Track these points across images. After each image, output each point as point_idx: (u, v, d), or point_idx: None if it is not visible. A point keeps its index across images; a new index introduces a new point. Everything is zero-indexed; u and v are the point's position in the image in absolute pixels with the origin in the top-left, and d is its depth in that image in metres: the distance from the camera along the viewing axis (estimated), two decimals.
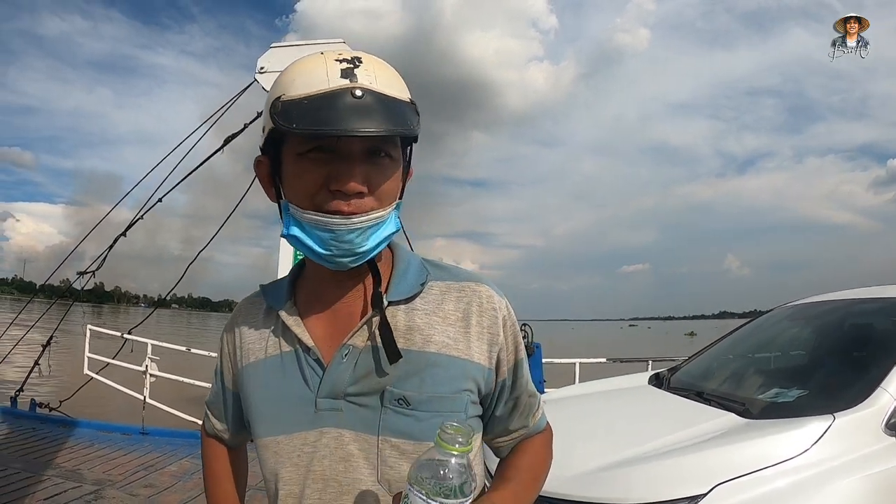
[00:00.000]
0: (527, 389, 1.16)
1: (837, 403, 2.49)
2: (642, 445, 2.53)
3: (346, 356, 1.03)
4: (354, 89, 0.91)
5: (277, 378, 1.07)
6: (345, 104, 0.89)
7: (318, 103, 0.90)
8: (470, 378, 1.05)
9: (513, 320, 1.13)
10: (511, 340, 1.11)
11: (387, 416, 1.01)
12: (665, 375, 3.83)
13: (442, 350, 1.03)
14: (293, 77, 0.95)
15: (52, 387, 10.83)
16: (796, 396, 2.85)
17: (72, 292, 10.48)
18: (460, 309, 1.07)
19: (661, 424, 2.85)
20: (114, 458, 5.95)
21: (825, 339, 3.65)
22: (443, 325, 1.05)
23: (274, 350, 1.10)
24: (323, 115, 0.89)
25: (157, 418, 7.49)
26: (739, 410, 2.73)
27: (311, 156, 0.95)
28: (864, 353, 3.17)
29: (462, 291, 1.09)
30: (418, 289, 1.07)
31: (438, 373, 1.02)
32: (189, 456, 6.10)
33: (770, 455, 2.24)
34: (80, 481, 5.17)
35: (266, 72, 7.30)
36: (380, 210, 0.98)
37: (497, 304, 1.10)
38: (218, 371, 1.27)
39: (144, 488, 5.12)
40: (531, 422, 1.19)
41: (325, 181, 0.94)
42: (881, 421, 2.38)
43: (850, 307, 3.64)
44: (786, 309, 4.14)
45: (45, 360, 8.90)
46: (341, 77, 0.92)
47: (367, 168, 0.95)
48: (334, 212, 0.94)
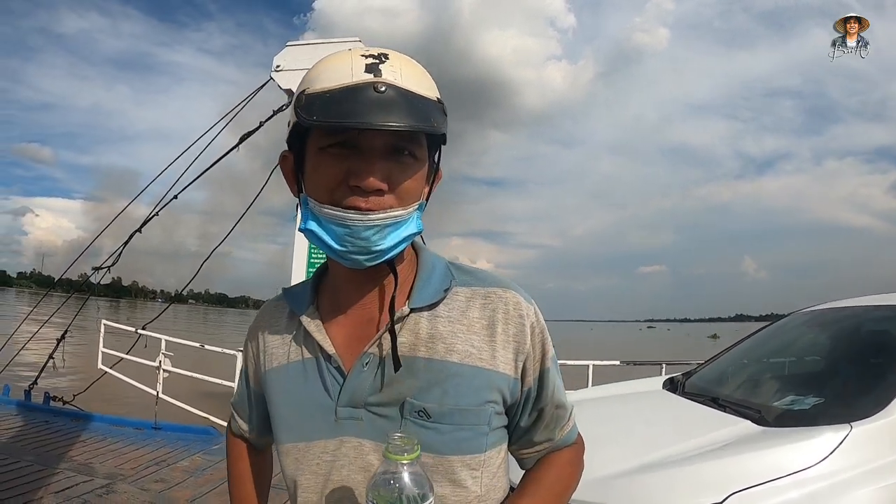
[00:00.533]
0: (553, 401, 1.11)
1: (854, 412, 2.45)
2: (658, 451, 2.50)
3: (367, 365, 1.01)
4: (378, 84, 0.89)
5: (299, 385, 1.07)
6: (366, 98, 0.88)
7: (340, 97, 0.89)
8: (494, 389, 1.02)
9: (541, 327, 1.09)
10: (538, 349, 1.08)
11: (407, 427, 0.98)
12: (679, 380, 3.80)
13: (465, 360, 1.01)
14: (319, 72, 0.95)
15: (66, 381, 10.89)
16: (812, 404, 2.82)
17: (88, 287, 10.55)
18: (486, 316, 1.04)
19: (677, 430, 2.83)
20: (126, 452, 5.97)
21: (842, 346, 3.61)
22: (467, 333, 1.02)
23: (296, 356, 1.09)
24: (343, 108, 0.88)
25: (170, 414, 7.51)
26: (755, 418, 2.70)
27: (332, 150, 0.94)
28: (881, 361, 3.13)
29: (488, 298, 1.06)
30: (442, 295, 1.05)
31: (461, 384, 1.00)
32: (201, 452, 6.11)
33: (787, 464, 2.21)
34: (91, 475, 5.19)
35: (282, 70, 7.32)
36: (399, 209, 0.95)
37: (524, 311, 1.06)
38: (243, 372, 1.27)
39: (156, 483, 5.13)
40: (557, 435, 1.14)
41: (344, 176, 0.93)
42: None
43: (867, 314, 3.60)
44: (802, 315, 4.09)
45: (59, 354, 8.95)
46: (365, 72, 0.91)
47: (389, 165, 0.94)
48: (352, 207, 0.93)
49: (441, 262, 1.11)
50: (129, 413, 7.93)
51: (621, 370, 7.81)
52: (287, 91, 7.40)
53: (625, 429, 3.08)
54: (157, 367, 7.64)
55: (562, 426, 1.15)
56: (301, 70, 7.22)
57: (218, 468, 5.61)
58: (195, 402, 7.74)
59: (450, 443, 0.99)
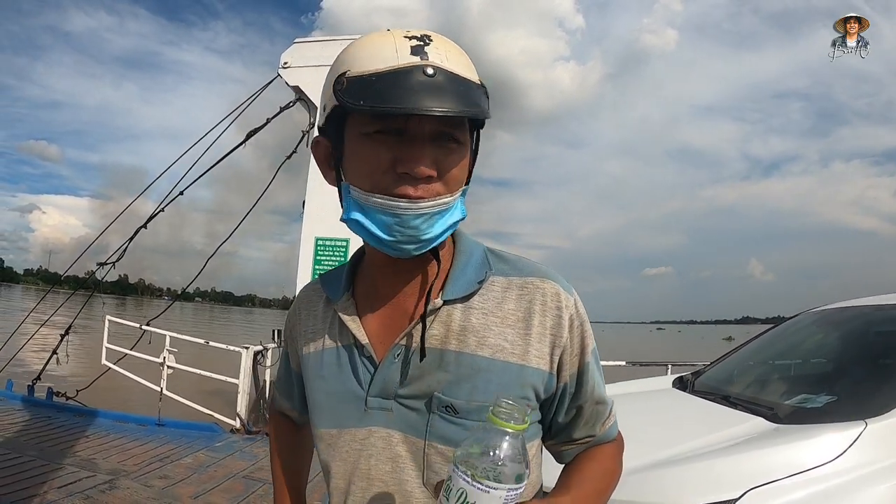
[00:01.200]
0: (593, 397, 1.08)
1: (868, 410, 2.44)
2: (673, 448, 2.49)
3: (398, 356, 1.00)
4: (426, 67, 0.86)
5: (333, 371, 1.06)
6: (417, 82, 0.85)
7: (388, 80, 0.85)
8: (527, 385, 0.99)
9: (582, 320, 1.05)
10: (577, 342, 1.04)
11: (434, 421, 0.97)
12: (689, 379, 3.79)
13: (496, 354, 0.98)
14: (359, 53, 0.90)
15: (70, 376, 10.90)
16: (825, 402, 2.80)
17: (94, 283, 10.58)
18: (522, 308, 1.01)
19: (690, 427, 2.82)
20: (129, 448, 5.96)
21: (851, 346, 3.59)
22: (500, 326, 1.00)
23: (331, 343, 1.08)
24: (392, 92, 0.84)
25: (174, 410, 7.53)
26: (768, 415, 2.68)
27: (378, 136, 0.90)
28: (891, 360, 3.12)
29: (524, 288, 1.02)
30: (476, 287, 1.02)
31: (491, 379, 0.97)
32: (204, 448, 6.11)
33: (803, 461, 2.20)
34: (94, 471, 5.18)
35: (290, 67, 7.33)
36: (447, 196, 0.93)
37: (563, 302, 1.02)
38: (284, 353, 1.28)
39: (159, 479, 5.12)
40: (599, 430, 1.11)
41: (391, 163, 0.90)
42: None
43: (876, 313, 3.59)
44: (811, 314, 4.08)
45: (62, 350, 8.97)
46: (412, 54, 0.87)
47: (436, 151, 0.91)
48: (401, 195, 0.90)
49: (479, 249, 1.09)
50: (132, 409, 7.94)
51: (628, 371, 7.79)
52: (294, 88, 7.41)
53: (638, 426, 3.05)
54: (161, 363, 7.64)
55: (603, 421, 1.11)
56: (309, 67, 7.28)
57: (222, 465, 5.62)
58: (199, 399, 7.76)
59: None
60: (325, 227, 7.21)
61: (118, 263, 9.16)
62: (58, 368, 9.34)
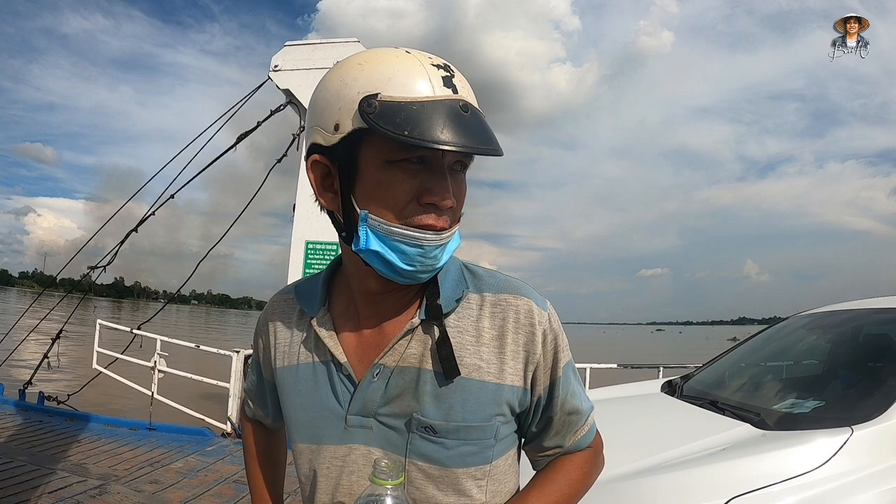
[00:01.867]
0: (563, 409, 1.08)
1: (855, 416, 2.44)
2: (656, 455, 2.48)
3: (378, 375, 1.00)
4: (460, 102, 0.88)
5: (310, 387, 1.06)
6: (456, 118, 0.86)
7: (429, 112, 0.85)
8: (502, 402, 1.01)
9: (555, 334, 1.06)
10: (550, 357, 1.05)
11: (414, 440, 0.98)
12: (678, 383, 3.79)
13: (472, 374, 0.99)
14: (388, 75, 0.88)
15: (61, 381, 10.87)
16: (813, 408, 2.80)
17: (86, 286, 10.55)
18: (496, 326, 1.02)
19: (675, 434, 2.81)
20: (120, 453, 5.96)
21: (842, 349, 3.59)
22: (475, 345, 1.00)
23: (306, 358, 1.08)
24: (435, 125, 0.84)
25: (165, 414, 7.51)
26: (755, 421, 2.68)
27: (406, 165, 0.89)
28: (881, 364, 3.11)
29: (498, 306, 1.03)
30: (454, 305, 1.02)
31: (468, 399, 0.98)
32: (195, 453, 6.10)
33: (787, 468, 2.18)
34: (85, 475, 5.16)
35: (280, 70, 7.32)
36: (456, 225, 0.97)
37: (536, 318, 1.03)
38: (255, 362, 1.27)
39: (149, 484, 5.11)
40: (568, 441, 1.12)
41: (416, 193, 0.90)
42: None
43: (868, 317, 3.58)
44: (801, 318, 4.08)
45: (54, 354, 8.94)
46: (444, 86, 0.88)
47: (452, 182, 0.93)
48: (425, 226, 0.90)
49: (455, 265, 1.08)
50: (124, 413, 7.92)
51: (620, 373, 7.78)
52: (285, 91, 7.39)
53: (622, 432, 3.05)
54: (152, 367, 7.62)
55: (574, 431, 1.12)
56: (299, 70, 7.28)
57: (212, 469, 5.60)
58: (190, 403, 7.74)
59: (455, 457, 0.99)
60: (316, 231, 7.22)
61: (113, 266, 9.14)
62: (50, 373, 9.31)
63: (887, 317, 3.45)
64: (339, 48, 7.26)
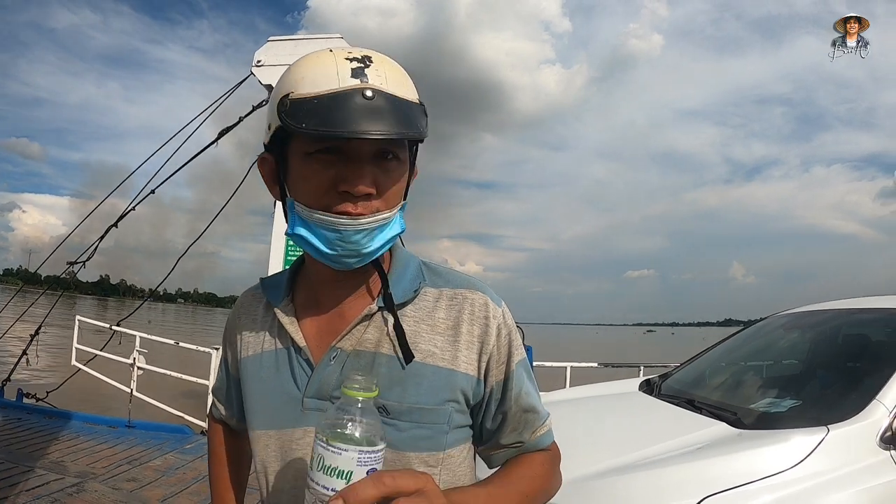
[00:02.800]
0: (519, 404, 1.10)
1: (831, 415, 2.45)
2: (631, 454, 2.48)
3: (334, 359, 1.04)
4: (365, 90, 0.89)
5: (270, 374, 1.09)
6: (355, 105, 0.88)
7: (328, 103, 0.89)
8: (456, 389, 1.03)
9: (509, 329, 1.10)
10: (504, 350, 1.08)
11: None
12: (656, 382, 3.80)
13: (427, 359, 1.02)
14: (302, 74, 0.93)
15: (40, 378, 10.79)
16: (789, 407, 2.81)
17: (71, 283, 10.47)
18: (451, 317, 1.06)
19: (651, 433, 2.81)
20: (98, 450, 5.92)
21: (819, 349, 3.62)
22: (430, 333, 1.04)
23: (269, 346, 1.11)
24: (333, 115, 0.88)
25: (145, 412, 7.48)
26: (731, 420, 2.69)
27: (320, 157, 0.94)
28: (858, 365, 3.15)
29: (454, 299, 1.08)
30: (411, 295, 1.07)
31: (422, 383, 1.01)
32: (174, 451, 6.07)
33: (763, 467, 2.19)
34: (63, 473, 5.13)
35: (263, 65, 7.27)
36: (386, 211, 0.97)
37: (491, 312, 1.07)
38: (223, 359, 1.30)
39: (128, 482, 5.08)
40: (528, 437, 1.12)
41: (333, 182, 0.94)
42: (876, 434, 2.33)
43: (845, 317, 3.62)
44: (780, 317, 4.11)
45: (32, 351, 8.87)
46: (352, 77, 0.91)
47: (375, 170, 0.95)
48: (342, 212, 0.94)
49: (414, 262, 1.13)
50: (103, 411, 7.87)
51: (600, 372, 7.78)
52: (267, 87, 7.34)
53: (597, 431, 3.06)
54: (130, 364, 7.57)
55: (533, 430, 1.13)
56: (282, 66, 7.18)
57: (191, 467, 5.58)
58: (169, 401, 7.72)
59: (408, 440, 1.00)
60: None
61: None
62: (28, 369, 9.24)
63: (866, 317, 3.49)
64: (322, 44, 7.14)
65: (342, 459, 0.77)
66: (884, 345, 3.09)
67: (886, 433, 2.33)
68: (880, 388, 2.51)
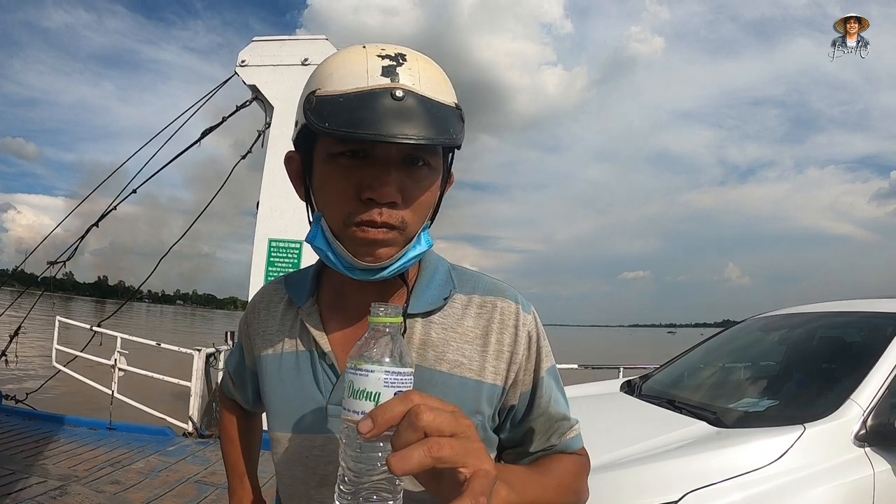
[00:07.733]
0: (548, 413, 1.07)
1: (807, 414, 2.52)
2: (613, 452, 2.52)
3: None
4: (395, 90, 0.83)
5: (292, 376, 1.05)
6: (383, 106, 0.82)
7: (354, 103, 0.83)
8: (482, 400, 1.00)
9: (539, 336, 1.06)
10: (533, 359, 1.04)
11: None
12: (637, 383, 3.85)
13: (454, 370, 0.99)
14: (331, 70, 0.89)
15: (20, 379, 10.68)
16: (767, 407, 2.88)
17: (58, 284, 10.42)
18: (480, 325, 1.02)
19: (633, 431, 2.87)
20: (80, 453, 5.85)
21: (796, 351, 3.68)
22: (459, 342, 1.01)
23: (290, 347, 1.07)
24: (358, 116, 0.82)
25: (126, 414, 7.40)
26: (710, 419, 2.75)
27: (343, 160, 0.89)
28: (833, 366, 3.21)
29: (483, 307, 1.04)
30: (441, 303, 1.02)
31: (448, 394, 0.97)
32: (156, 453, 6.02)
33: (741, 464, 2.25)
34: (44, 476, 5.07)
35: (247, 65, 7.25)
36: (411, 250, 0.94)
37: (521, 320, 1.03)
38: (238, 346, 1.26)
39: (110, 485, 5.04)
40: (558, 441, 1.08)
41: (356, 190, 0.88)
42: (850, 432, 2.41)
43: (822, 320, 3.69)
44: (758, 319, 4.18)
45: (12, 352, 8.78)
46: (382, 75, 0.85)
47: (402, 177, 0.89)
48: (366, 222, 0.88)
49: (443, 267, 1.09)
50: (84, 413, 7.80)
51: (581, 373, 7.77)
52: (251, 87, 7.32)
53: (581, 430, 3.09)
54: (111, 365, 7.51)
55: (563, 433, 1.09)
56: (265, 66, 7.22)
57: (174, 469, 5.54)
58: (151, 402, 7.62)
59: None
60: (279, 229, 7.08)
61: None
62: (8, 370, 9.15)
63: (841, 320, 3.57)
64: (306, 45, 7.22)
65: (369, 381, 0.75)
66: (858, 346, 3.16)
67: (860, 431, 2.41)
68: (855, 388, 2.58)
